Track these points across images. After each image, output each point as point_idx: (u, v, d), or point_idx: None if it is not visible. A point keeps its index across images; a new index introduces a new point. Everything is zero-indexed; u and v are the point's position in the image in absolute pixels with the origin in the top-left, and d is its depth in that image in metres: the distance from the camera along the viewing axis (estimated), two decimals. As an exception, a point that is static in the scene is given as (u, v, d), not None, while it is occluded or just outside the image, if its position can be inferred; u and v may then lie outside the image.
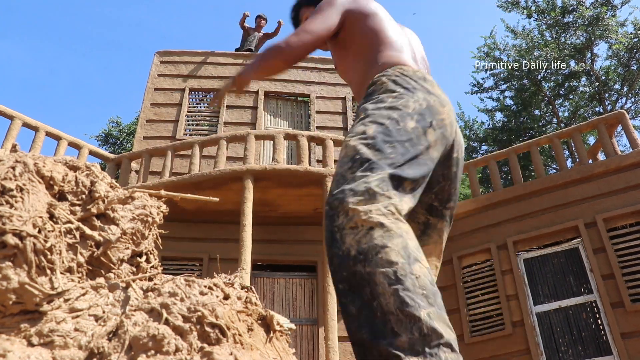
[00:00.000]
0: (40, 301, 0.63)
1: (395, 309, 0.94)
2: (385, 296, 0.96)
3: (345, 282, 1.04)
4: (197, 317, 0.64)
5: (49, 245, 0.65)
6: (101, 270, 0.74)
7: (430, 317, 0.93)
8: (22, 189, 0.67)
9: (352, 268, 1.03)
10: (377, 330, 0.95)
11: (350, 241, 1.06)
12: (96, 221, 0.75)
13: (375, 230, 1.05)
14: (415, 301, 0.95)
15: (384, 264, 0.99)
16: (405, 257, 1.01)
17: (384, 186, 1.15)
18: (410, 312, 0.93)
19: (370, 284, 0.99)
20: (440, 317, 0.95)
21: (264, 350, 0.69)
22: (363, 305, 0.99)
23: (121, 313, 0.65)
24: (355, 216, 1.08)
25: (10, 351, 0.56)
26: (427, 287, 0.98)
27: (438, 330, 0.92)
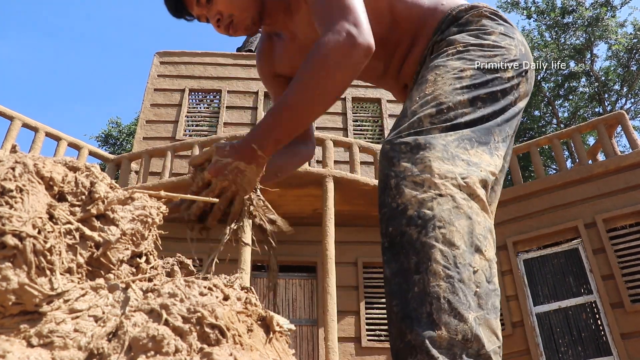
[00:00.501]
0: (40, 302, 0.63)
1: (442, 296, 0.83)
2: (437, 277, 0.84)
3: (389, 239, 0.92)
4: (196, 317, 0.64)
5: (48, 246, 0.65)
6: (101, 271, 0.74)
7: (477, 322, 0.83)
8: (21, 190, 0.67)
9: (403, 228, 0.90)
10: (410, 307, 0.84)
11: (410, 197, 0.91)
12: (96, 222, 0.75)
13: (444, 199, 0.90)
14: (467, 298, 0.83)
15: (446, 242, 0.87)
16: (468, 244, 0.88)
17: (466, 145, 0.99)
18: (458, 309, 0.82)
19: (420, 254, 0.86)
20: (487, 322, 0.84)
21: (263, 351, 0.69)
22: (400, 271, 0.88)
23: (121, 314, 0.65)
24: (425, 172, 0.93)
25: (9, 352, 0.56)
26: (481, 285, 0.86)
27: (481, 339, 0.81)
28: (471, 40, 1.16)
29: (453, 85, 1.06)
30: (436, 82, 1.07)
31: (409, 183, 0.93)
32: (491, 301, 0.87)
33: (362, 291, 8.59)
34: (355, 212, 8.66)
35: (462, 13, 1.23)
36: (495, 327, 0.86)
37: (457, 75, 1.08)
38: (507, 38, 1.18)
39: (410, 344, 0.81)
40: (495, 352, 0.84)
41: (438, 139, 0.97)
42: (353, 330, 8.26)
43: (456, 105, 1.03)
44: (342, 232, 8.54)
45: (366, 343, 8.18)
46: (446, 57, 1.14)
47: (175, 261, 0.96)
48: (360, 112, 11.19)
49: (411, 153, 0.96)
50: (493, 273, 0.90)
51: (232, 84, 11.07)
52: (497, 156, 1.04)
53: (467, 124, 1.02)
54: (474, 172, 0.96)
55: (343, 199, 8.16)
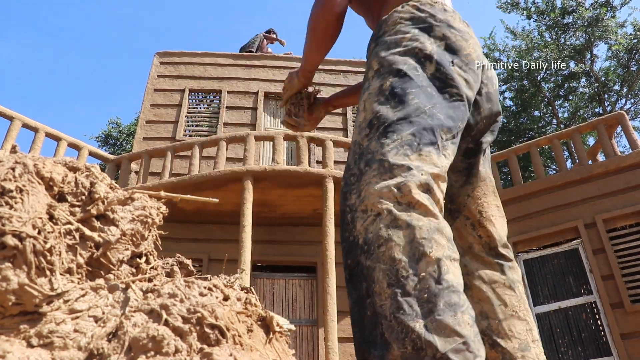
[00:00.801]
0: (40, 302, 0.63)
1: (389, 314, 0.85)
2: (381, 297, 0.87)
3: (349, 271, 0.96)
4: (196, 318, 0.64)
5: (48, 246, 0.65)
6: (101, 271, 0.74)
7: (427, 328, 0.83)
8: (21, 190, 0.67)
9: (358, 257, 0.93)
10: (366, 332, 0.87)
11: (360, 227, 0.95)
12: (96, 222, 0.75)
13: (382, 217, 0.93)
14: (413, 309, 0.84)
15: (386, 260, 0.89)
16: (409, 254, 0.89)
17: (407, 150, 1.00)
18: (404, 322, 0.83)
19: (367, 279, 0.90)
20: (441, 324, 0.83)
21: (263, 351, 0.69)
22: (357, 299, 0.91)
23: (121, 314, 0.65)
24: (366, 198, 0.97)
25: (9, 352, 0.56)
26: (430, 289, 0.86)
27: (434, 344, 0.81)
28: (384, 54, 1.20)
29: (378, 100, 1.11)
30: (365, 109, 1.14)
31: (358, 213, 0.97)
32: (444, 301, 0.86)
33: (362, 291, 8.58)
34: (355, 213, 8.65)
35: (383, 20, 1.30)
36: (453, 324, 0.84)
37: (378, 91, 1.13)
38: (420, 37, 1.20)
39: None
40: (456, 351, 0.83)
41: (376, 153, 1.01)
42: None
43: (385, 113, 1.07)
44: (342, 232, 8.52)
45: (366, 343, 8.17)
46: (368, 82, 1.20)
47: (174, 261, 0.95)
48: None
49: (357, 182, 1.00)
50: (444, 270, 0.89)
51: (232, 84, 11.07)
52: (444, 156, 1.06)
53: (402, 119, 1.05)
54: (412, 178, 0.97)
55: (343, 199, 8.15)
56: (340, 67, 11.56)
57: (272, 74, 11.35)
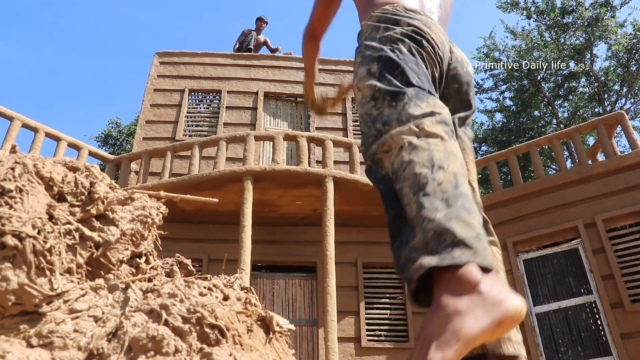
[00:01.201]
0: (40, 302, 0.63)
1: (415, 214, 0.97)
2: (410, 205, 0.99)
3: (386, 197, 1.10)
4: (196, 318, 0.64)
5: (48, 246, 0.65)
6: (100, 271, 0.74)
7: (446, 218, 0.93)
8: (21, 190, 0.67)
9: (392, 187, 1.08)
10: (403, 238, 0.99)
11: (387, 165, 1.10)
12: (95, 222, 0.75)
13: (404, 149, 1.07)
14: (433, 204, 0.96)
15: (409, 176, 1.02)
16: (429, 167, 1.02)
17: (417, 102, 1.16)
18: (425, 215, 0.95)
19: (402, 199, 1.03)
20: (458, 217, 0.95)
21: (263, 351, 0.69)
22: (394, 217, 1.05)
23: (120, 314, 0.65)
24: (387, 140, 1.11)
25: (9, 352, 0.56)
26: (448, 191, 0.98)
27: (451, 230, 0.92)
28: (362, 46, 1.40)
29: (370, 80, 1.26)
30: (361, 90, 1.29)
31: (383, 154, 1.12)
32: (460, 202, 0.97)
33: (362, 291, 8.59)
34: (355, 212, 8.66)
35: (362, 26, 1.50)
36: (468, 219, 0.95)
37: (366, 73, 1.29)
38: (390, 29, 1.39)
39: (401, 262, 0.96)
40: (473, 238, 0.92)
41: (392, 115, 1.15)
42: (353, 331, 8.26)
43: (382, 85, 1.22)
44: (342, 232, 8.54)
45: (366, 343, 8.18)
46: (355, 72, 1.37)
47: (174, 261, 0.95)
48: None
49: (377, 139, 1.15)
50: (460, 182, 1.02)
51: (231, 84, 11.07)
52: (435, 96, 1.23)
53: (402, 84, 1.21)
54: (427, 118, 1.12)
55: (343, 199, 8.16)
56: (340, 66, 11.56)
57: (272, 74, 11.35)
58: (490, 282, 0.89)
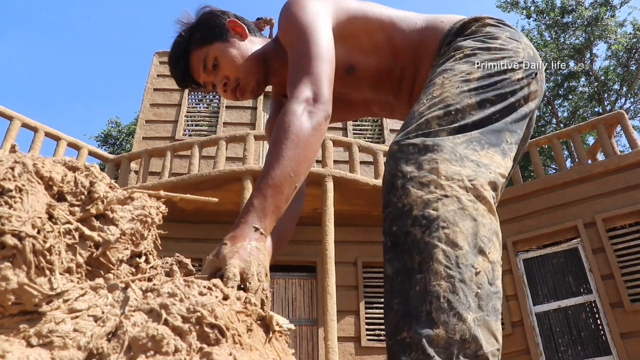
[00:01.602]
0: (40, 302, 0.63)
1: (442, 296, 0.83)
2: (437, 276, 0.84)
3: (392, 238, 0.93)
4: (196, 317, 0.64)
5: (48, 245, 0.65)
6: (100, 271, 0.74)
7: (476, 323, 0.82)
8: (21, 190, 0.67)
9: (408, 228, 0.90)
10: (411, 306, 0.84)
11: (416, 198, 0.91)
12: (95, 222, 0.75)
13: (449, 200, 0.91)
14: (467, 299, 0.83)
15: (449, 242, 0.87)
16: (471, 245, 0.88)
17: (476, 146, 0.99)
18: (458, 309, 0.82)
19: (423, 254, 0.86)
20: (487, 324, 0.84)
21: (263, 350, 0.69)
22: (403, 270, 0.88)
23: (120, 313, 0.65)
24: (432, 174, 0.93)
25: (9, 352, 0.56)
26: (483, 286, 0.86)
27: (479, 341, 0.81)
28: (478, 44, 1.16)
29: (460, 88, 1.06)
30: (444, 85, 1.08)
31: (415, 184, 0.93)
32: (492, 303, 0.86)
33: (362, 291, 8.60)
34: (354, 212, 8.66)
35: (466, 25, 1.25)
36: (494, 329, 0.85)
37: (464, 78, 1.08)
38: (513, 42, 1.19)
39: (405, 341, 0.82)
40: (493, 355, 0.83)
41: (446, 140, 0.98)
42: (353, 330, 8.26)
43: (464, 108, 1.03)
44: (342, 231, 8.54)
45: (366, 343, 8.18)
46: (453, 61, 1.14)
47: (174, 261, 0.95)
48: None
49: (418, 154, 0.96)
50: (496, 275, 0.90)
51: (231, 84, 11.07)
52: (509, 157, 1.04)
53: (476, 124, 1.02)
54: (482, 173, 0.96)
55: (343, 199, 8.16)
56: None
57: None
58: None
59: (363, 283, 8.67)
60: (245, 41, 1.36)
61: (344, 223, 8.72)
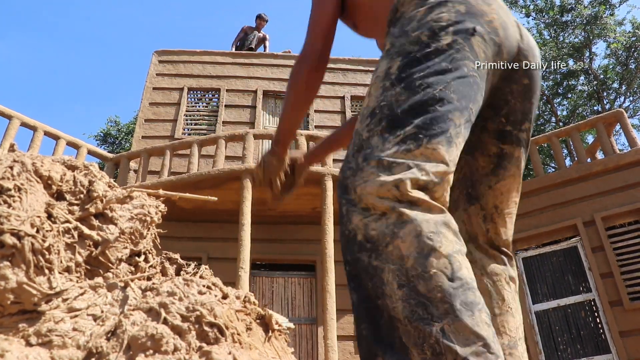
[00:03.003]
0: (39, 301, 0.63)
1: (403, 318, 0.80)
2: (393, 299, 0.82)
3: (349, 267, 0.91)
4: (195, 316, 0.64)
5: (47, 245, 0.65)
6: (99, 270, 0.74)
7: (445, 332, 0.78)
8: (20, 189, 0.67)
9: (356, 254, 0.88)
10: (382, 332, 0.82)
11: (357, 222, 0.89)
12: (94, 221, 0.75)
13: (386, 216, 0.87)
14: (427, 311, 0.80)
15: (395, 259, 0.83)
16: (417, 250, 0.83)
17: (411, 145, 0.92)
18: (419, 326, 0.79)
19: (374, 279, 0.84)
20: (459, 325, 0.79)
21: (262, 349, 0.69)
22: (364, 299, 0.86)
23: (120, 312, 0.65)
24: (364, 195, 0.90)
25: (8, 351, 0.56)
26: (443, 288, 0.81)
27: (453, 348, 0.77)
28: (396, 33, 1.10)
29: (383, 86, 1.02)
30: (369, 95, 1.05)
31: (357, 209, 0.91)
32: (460, 300, 0.81)
33: (361, 290, 8.59)
34: (354, 211, 8.64)
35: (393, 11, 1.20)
36: (472, 325, 0.80)
37: (385, 74, 1.04)
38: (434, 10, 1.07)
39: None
40: (476, 354, 0.79)
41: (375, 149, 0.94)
42: (352, 329, 8.26)
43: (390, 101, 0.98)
44: (341, 230, 8.52)
45: (365, 341, 8.18)
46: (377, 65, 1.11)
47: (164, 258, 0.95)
48: (359, 110, 11.19)
49: (353, 177, 0.94)
50: (456, 267, 0.84)
51: (230, 83, 11.07)
52: (455, 145, 0.96)
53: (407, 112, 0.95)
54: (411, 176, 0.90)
55: (342, 198, 8.15)
56: (339, 65, 11.55)
57: (271, 72, 11.34)
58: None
59: (362, 282, 8.67)
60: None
61: (344, 222, 8.70)
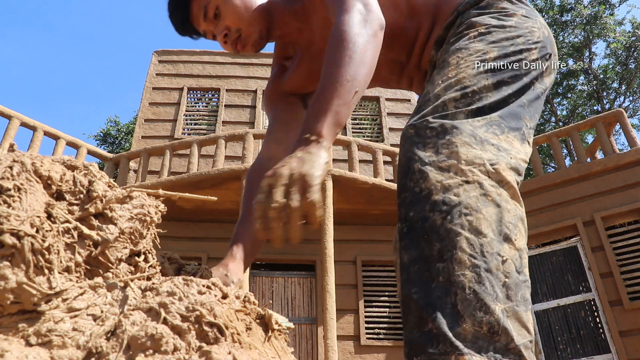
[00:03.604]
0: (38, 301, 0.63)
1: (468, 287, 0.78)
2: (462, 266, 0.80)
3: (408, 224, 0.87)
4: (195, 316, 0.64)
5: (46, 244, 0.65)
6: (99, 270, 0.74)
7: (505, 314, 0.79)
8: (19, 189, 0.67)
9: (427, 213, 0.85)
10: (434, 297, 0.80)
11: (435, 182, 0.87)
12: (94, 221, 0.75)
13: (471, 186, 0.86)
14: (494, 289, 0.79)
15: (472, 229, 0.82)
16: (496, 232, 0.84)
17: (496, 130, 0.94)
18: (485, 300, 0.78)
19: (444, 241, 0.82)
20: (517, 315, 0.81)
21: (262, 349, 0.69)
22: (421, 258, 0.83)
23: (119, 312, 0.65)
24: (452, 158, 0.89)
25: (8, 351, 0.56)
26: (511, 275, 0.82)
27: (510, 332, 0.78)
28: (492, 22, 1.11)
29: (477, 69, 1.02)
30: (459, 65, 1.03)
31: (434, 168, 0.88)
32: (521, 292, 0.83)
33: (361, 289, 8.60)
34: (354, 211, 8.66)
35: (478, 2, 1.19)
36: (525, 320, 0.82)
37: (480, 57, 1.04)
38: (529, 20, 1.14)
39: (432, 332, 0.78)
40: (526, 347, 0.80)
41: (465, 123, 0.93)
42: (352, 329, 8.27)
43: (481, 89, 0.99)
44: (341, 230, 8.54)
45: (365, 341, 8.19)
46: (467, 39, 1.09)
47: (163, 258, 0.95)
48: (358, 110, 11.20)
49: (437, 138, 0.92)
50: (524, 263, 0.86)
51: (230, 83, 11.06)
52: (527, 143, 1.00)
53: (492, 107, 0.98)
54: (503, 158, 0.92)
55: (342, 198, 8.16)
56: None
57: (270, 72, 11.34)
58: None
59: (362, 282, 8.68)
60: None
61: (343, 222, 8.72)
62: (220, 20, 1.26)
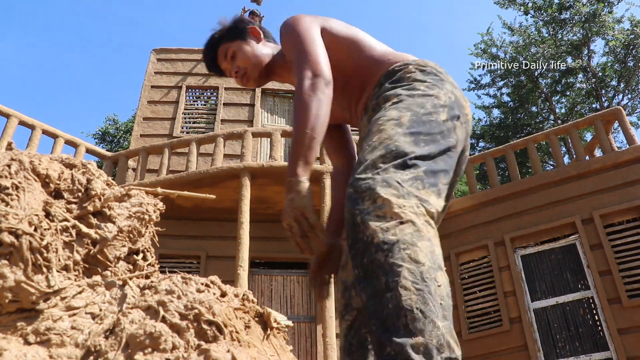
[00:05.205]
0: (37, 299, 0.63)
1: (415, 307, 0.93)
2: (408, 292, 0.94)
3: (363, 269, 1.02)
4: (194, 314, 0.64)
5: (45, 243, 0.65)
6: (98, 268, 0.73)
7: (447, 330, 0.93)
8: (17, 187, 0.67)
9: (373, 255, 1.00)
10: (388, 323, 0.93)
11: (375, 227, 1.03)
12: (93, 219, 0.75)
13: (405, 225, 1.02)
14: (436, 309, 0.94)
15: (411, 260, 0.98)
16: (432, 262, 0.99)
17: (418, 185, 1.11)
18: (431, 317, 0.92)
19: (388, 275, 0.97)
20: (451, 332, 0.95)
21: (261, 347, 0.69)
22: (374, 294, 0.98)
23: (118, 311, 0.65)
24: (385, 206, 1.05)
25: (6, 350, 0.56)
26: (444, 299, 0.97)
27: (452, 346, 0.92)
28: (404, 92, 1.33)
29: (395, 130, 1.20)
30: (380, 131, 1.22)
31: (372, 217, 1.04)
32: (450, 314, 0.98)
33: (360, 288, 8.59)
34: (353, 209, 8.65)
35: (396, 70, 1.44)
36: (455, 338, 0.95)
37: (396, 122, 1.23)
38: (435, 87, 1.35)
39: (391, 355, 0.90)
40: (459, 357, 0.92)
41: (393, 177, 1.10)
42: (351, 327, 8.27)
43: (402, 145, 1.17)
44: (340, 228, 8.52)
45: (364, 339, 8.19)
46: (384, 110, 1.30)
47: None
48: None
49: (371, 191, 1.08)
50: (449, 292, 1.01)
51: (229, 81, 11.05)
52: (442, 199, 1.17)
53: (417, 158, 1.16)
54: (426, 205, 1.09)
55: (341, 196, 8.15)
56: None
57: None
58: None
59: (361, 280, 8.67)
60: (259, 44, 1.73)
61: (342, 220, 8.70)
62: (235, 61, 1.71)
